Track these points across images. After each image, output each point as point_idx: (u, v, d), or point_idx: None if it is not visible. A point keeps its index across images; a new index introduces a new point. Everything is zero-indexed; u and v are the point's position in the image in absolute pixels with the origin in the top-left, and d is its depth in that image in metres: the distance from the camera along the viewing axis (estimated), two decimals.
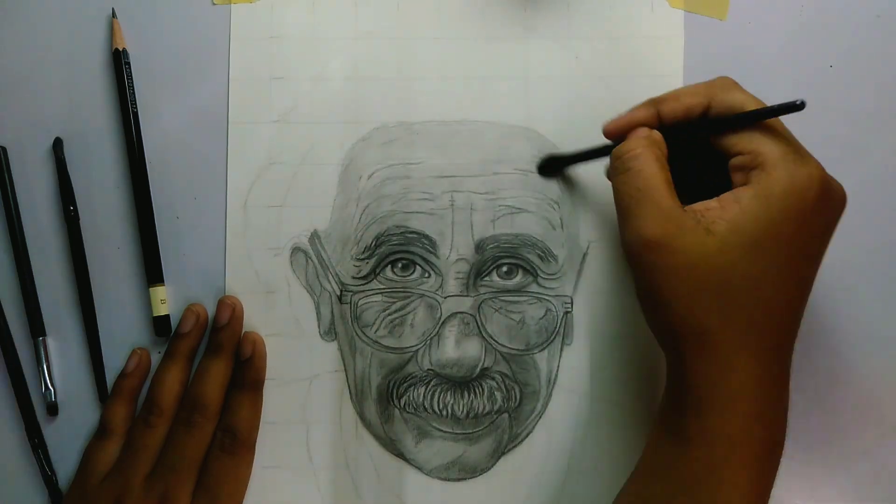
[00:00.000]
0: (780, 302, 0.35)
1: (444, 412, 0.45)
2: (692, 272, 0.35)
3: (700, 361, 0.35)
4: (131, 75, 0.45)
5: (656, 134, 0.38)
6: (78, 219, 0.45)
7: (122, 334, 0.45)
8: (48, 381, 0.45)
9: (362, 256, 0.45)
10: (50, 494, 0.44)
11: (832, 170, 0.46)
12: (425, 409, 0.45)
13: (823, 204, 0.36)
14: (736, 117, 0.37)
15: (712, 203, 0.36)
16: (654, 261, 0.35)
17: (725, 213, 0.35)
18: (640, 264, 0.36)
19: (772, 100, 0.45)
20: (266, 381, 0.45)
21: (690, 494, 0.35)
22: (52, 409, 0.45)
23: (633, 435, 0.45)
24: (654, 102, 0.39)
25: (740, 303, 0.35)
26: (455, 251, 0.45)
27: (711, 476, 0.35)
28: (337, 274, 0.45)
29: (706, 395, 0.35)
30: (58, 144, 0.45)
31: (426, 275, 0.45)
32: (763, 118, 0.36)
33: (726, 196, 0.36)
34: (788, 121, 0.46)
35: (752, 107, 0.37)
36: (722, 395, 0.35)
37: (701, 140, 0.39)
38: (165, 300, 0.45)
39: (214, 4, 0.46)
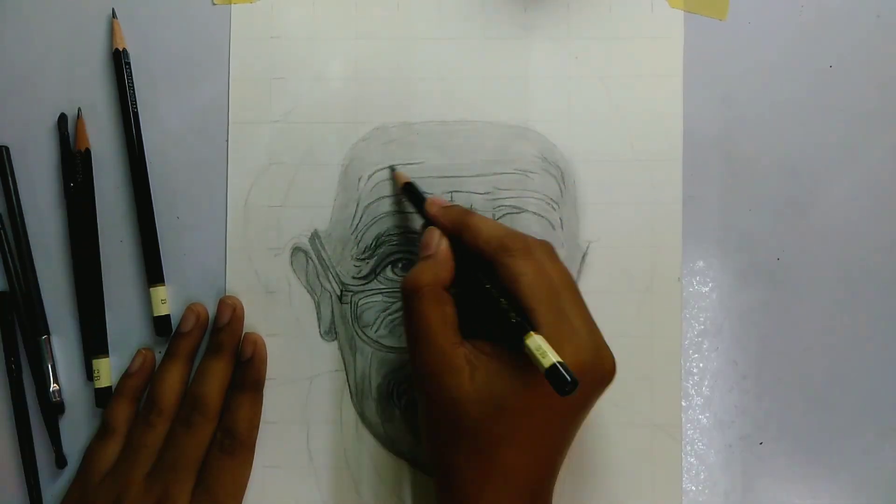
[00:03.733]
0: (529, 460, 0.37)
1: None
2: (450, 410, 0.36)
3: (445, 497, 0.37)
4: (131, 75, 0.45)
5: (442, 254, 0.40)
6: (79, 195, 0.45)
7: (123, 334, 0.45)
8: (53, 380, 0.45)
9: (362, 256, 0.45)
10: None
11: (832, 170, 0.46)
12: None
13: (586, 384, 0.36)
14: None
15: (487, 348, 0.37)
16: (425, 390, 0.38)
17: (492, 363, 0.36)
18: (417, 392, 0.39)
19: (772, 100, 0.46)
20: (266, 381, 0.45)
21: None
22: (59, 408, 0.45)
23: (633, 435, 0.45)
24: (462, 224, 0.40)
25: (487, 453, 0.36)
26: None
27: None
28: (337, 274, 0.45)
29: None
30: (62, 121, 0.45)
31: None
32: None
33: (501, 347, 0.37)
34: (783, 120, 0.46)
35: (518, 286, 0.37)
36: None
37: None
38: (166, 300, 0.45)
39: (214, 4, 0.46)
